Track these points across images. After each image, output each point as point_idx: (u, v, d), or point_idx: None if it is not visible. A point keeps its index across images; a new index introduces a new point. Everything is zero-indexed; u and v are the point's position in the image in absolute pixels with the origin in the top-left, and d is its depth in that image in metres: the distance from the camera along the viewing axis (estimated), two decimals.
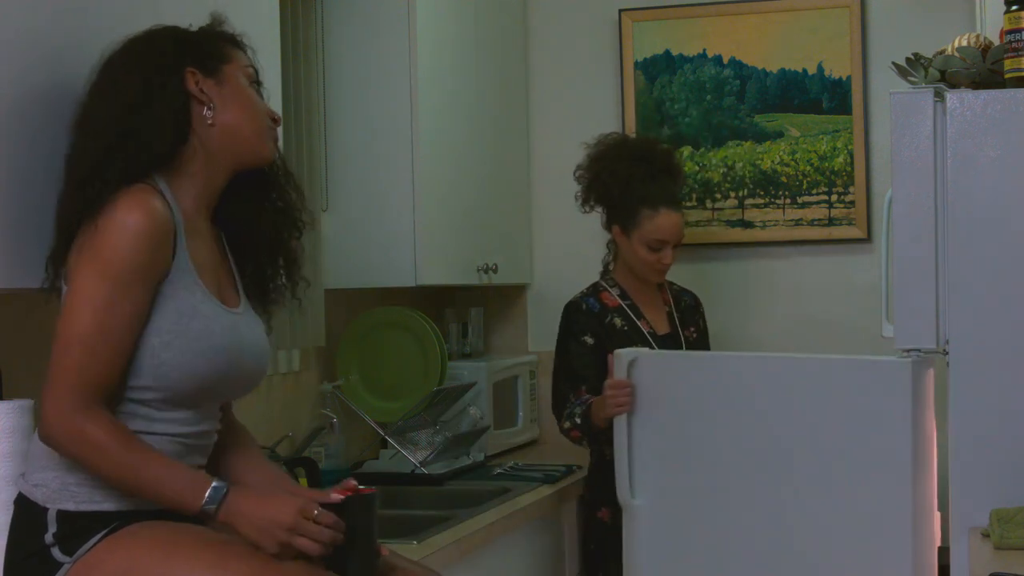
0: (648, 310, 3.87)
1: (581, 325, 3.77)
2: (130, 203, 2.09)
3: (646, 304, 3.88)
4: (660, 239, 3.79)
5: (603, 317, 3.78)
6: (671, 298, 3.96)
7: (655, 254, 3.80)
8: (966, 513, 2.99)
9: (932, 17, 4.43)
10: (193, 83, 2.22)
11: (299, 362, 3.83)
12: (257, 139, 2.28)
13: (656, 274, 3.85)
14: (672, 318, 3.91)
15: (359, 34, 3.85)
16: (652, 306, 3.90)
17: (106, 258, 2.07)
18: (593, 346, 3.74)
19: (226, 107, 2.25)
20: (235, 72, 2.28)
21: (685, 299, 4.00)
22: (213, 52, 2.27)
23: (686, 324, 3.93)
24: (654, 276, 3.86)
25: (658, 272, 3.85)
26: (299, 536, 2.07)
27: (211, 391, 2.21)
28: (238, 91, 2.27)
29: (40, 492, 2.13)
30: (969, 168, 3.03)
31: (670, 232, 3.80)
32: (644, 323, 3.82)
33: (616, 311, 3.81)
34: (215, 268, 2.27)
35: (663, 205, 3.79)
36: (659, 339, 3.81)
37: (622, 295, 3.85)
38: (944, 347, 3.06)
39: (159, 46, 2.23)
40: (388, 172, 3.82)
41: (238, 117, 2.26)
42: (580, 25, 4.77)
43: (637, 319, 3.82)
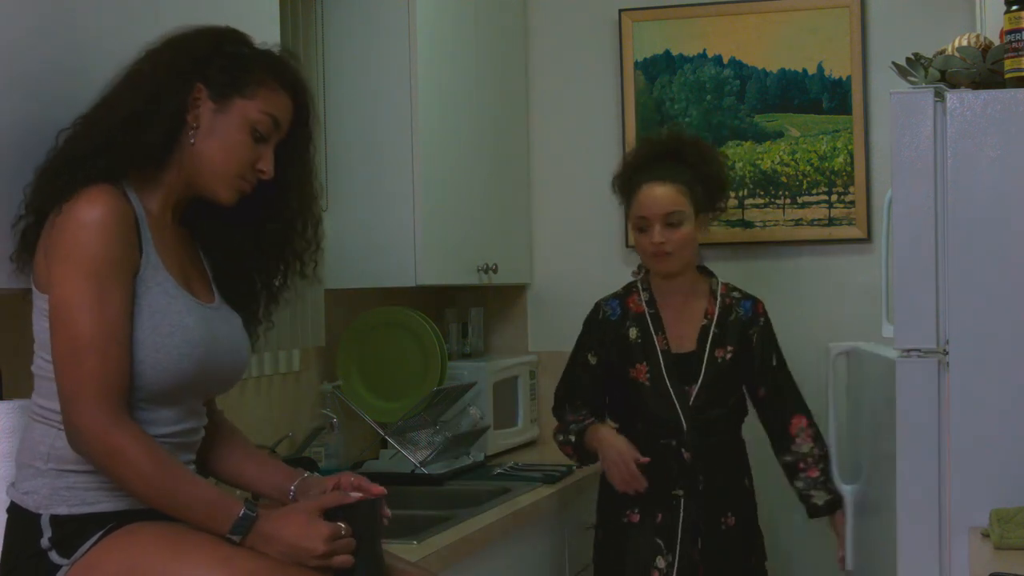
0: (675, 322, 3.53)
1: (591, 340, 3.59)
2: (89, 199, 2.07)
3: (674, 314, 3.54)
4: (641, 215, 3.47)
5: (619, 326, 3.54)
6: (717, 308, 3.54)
7: (644, 236, 3.48)
8: (966, 513, 2.99)
9: (932, 17, 4.43)
10: (193, 99, 2.20)
11: (299, 362, 3.83)
12: (216, 183, 2.23)
13: (655, 260, 3.49)
14: (704, 334, 3.52)
15: (359, 34, 3.85)
16: (682, 317, 3.54)
17: (80, 258, 2.06)
18: (595, 366, 3.58)
19: (209, 138, 2.21)
20: (243, 110, 2.22)
21: (739, 311, 3.56)
22: (234, 80, 2.21)
23: (723, 342, 3.51)
24: (655, 264, 3.50)
25: (656, 258, 3.48)
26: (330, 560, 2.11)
27: (189, 387, 2.19)
28: (228, 131, 2.21)
29: (31, 499, 2.13)
30: (969, 168, 3.03)
31: (650, 206, 3.45)
32: (661, 338, 3.50)
33: (636, 320, 3.54)
34: (184, 264, 2.26)
35: (646, 180, 3.48)
36: (674, 358, 3.50)
37: (649, 301, 3.55)
38: (944, 347, 3.05)
39: (190, 50, 2.21)
40: (388, 172, 3.82)
41: (211, 153, 2.21)
42: (580, 25, 4.77)
43: (656, 332, 3.51)
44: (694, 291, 3.56)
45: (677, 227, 3.45)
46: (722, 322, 3.53)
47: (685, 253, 3.49)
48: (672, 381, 3.48)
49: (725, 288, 3.58)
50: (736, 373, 3.53)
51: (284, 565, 2.08)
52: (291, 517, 2.13)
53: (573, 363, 3.64)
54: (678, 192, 3.46)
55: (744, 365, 3.54)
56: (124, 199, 2.13)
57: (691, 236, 3.48)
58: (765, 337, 3.58)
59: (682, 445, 3.47)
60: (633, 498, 3.47)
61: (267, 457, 2.46)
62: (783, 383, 3.60)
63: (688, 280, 3.56)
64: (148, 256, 2.15)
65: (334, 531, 2.11)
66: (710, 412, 3.50)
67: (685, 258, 3.50)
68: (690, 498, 3.47)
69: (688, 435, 3.47)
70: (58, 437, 2.11)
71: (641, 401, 3.51)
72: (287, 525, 2.11)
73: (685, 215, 3.46)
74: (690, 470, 3.47)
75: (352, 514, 2.15)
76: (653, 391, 3.49)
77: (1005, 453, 2.99)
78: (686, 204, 3.47)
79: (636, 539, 3.49)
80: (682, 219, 3.45)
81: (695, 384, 3.48)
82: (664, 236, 3.44)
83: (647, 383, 3.49)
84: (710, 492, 3.49)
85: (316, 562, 2.10)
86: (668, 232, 3.45)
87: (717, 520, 3.50)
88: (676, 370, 3.48)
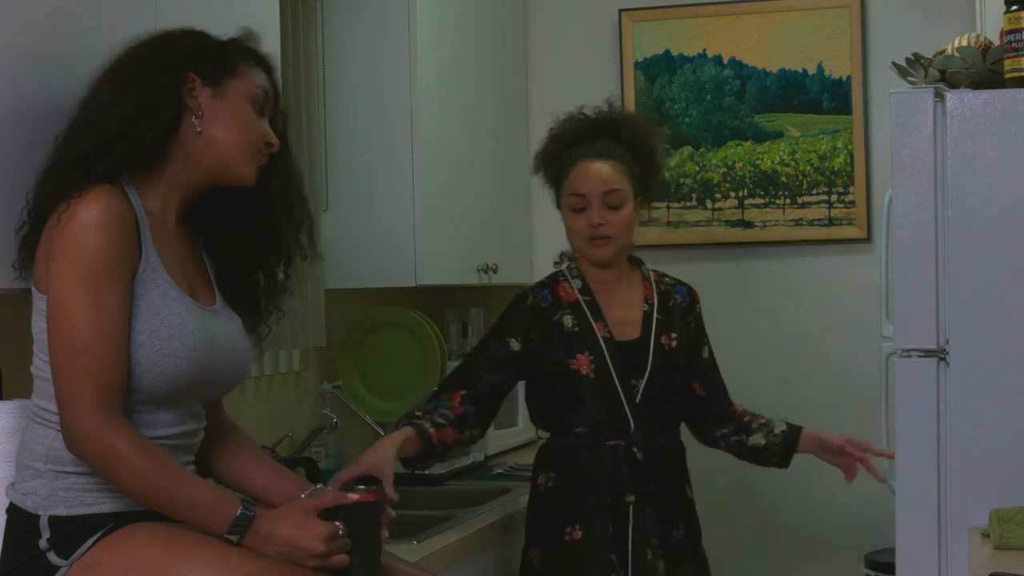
0: (613, 309, 3.17)
1: (514, 325, 3.14)
2: (88, 200, 2.08)
3: (612, 301, 3.18)
4: (577, 192, 3.12)
5: (552, 314, 3.14)
6: (655, 295, 3.22)
7: (579, 217, 3.13)
8: (966, 513, 2.99)
9: (932, 17, 4.43)
10: (188, 90, 2.21)
11: (299, 362, 3.83)
12: (238, 161, 2.24)
13: (591, 246, 3.13)
14: (648, 321, 3.18)
15: (359, 34, 3.85)
16: (620, 304, 3.19)
17: (78, 259, 2.06)
18: (516, 354, 3.11)
19: (216, 121, 2.22)
20: (239, 88, 2.24)
21: (677, 297, 3.25)
22: (222, 62, 2.24)
23: (667, 328, 3.18)
24: (590, 249, 3.14)
25: (592, 243, 3.12)
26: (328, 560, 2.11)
27: (187, 390, 2.19)
28: (233, 109, 2.23)
29: (30, 500, 2.13)
30: (969, 168, 3.03)
31: (588, 183, 3.11)
32: (601, 325, 3.12)
33: (570, 307, 3.14)
34: (186, 266, 2.26)
35: (582, 157, 3.14)
36: (618, 346, 3.12)
37: (583, 288, 3.17)
38: (944, 347, 3.06)
39: (170, 46, 2.22)
40: (388, 172, 3.82)
41: (225, 134, 2.22)
42: (580, 25, 4.77)
43: (594, 319, 3.13)
44: (628, 278, 3.23)
45: (617, 209, 3.11)
46: (663, 307, 3.20)
47: (624, 239, 3.15)
48: (618, 372, 3.09)
49: (657, 275, 3.27)
50: (679, 363, 3.19)
51: (281, 565, 2.08)
52: (289, 517, 2.12)
53: (475, 354, 3.17)
54: (617, 170, 3.12)
55: (690, 351, 3.23)
56: (124, 199, 2.13)
57: (631, 220, 3.14)
58: (700, 326, 3.29)
59: (633, 444, 3.09)
60: (574, 512, 3.08)
61: (278, 465, 2.45)
62: (719, 379, 3.32)
63: (623, 265, 3.22)
64: (148, 257, 2.15)
65: (332, 531, 2.11)
66: (658, 408, 3.14)
67: (623, 244, 3.16)
68: (642, 506, 3.09)
69: (637, 433, 3.10)
70: (56, 438, 2.11)
71: (582, 397, 3.10)
72: (285, 525, 2.11)
73: (625, 196, 3.12)
74: (643, 473, 3.09)
75: (349, 515, 2.15)
76: (596, 384, 3.09)
77: (1005, 453, 2.99)
78: (626, 184, 3.13)
79: (584, 559, 3.07)
80: (622, 200, 3.12)
81: (642, 378, 3.10)
82: (603, 217, 3.10)
83: (591, 375, 3.09)
84: (662, 500, 3.13)
85: (314, 562, 2.10)
86: (607, 213, 3.11)
87: (669, 532, 3.14)
88: (622, 359, 3.10)
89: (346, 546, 2.13)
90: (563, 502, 3.11)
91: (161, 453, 2.10)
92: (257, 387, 3.62)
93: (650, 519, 3.10)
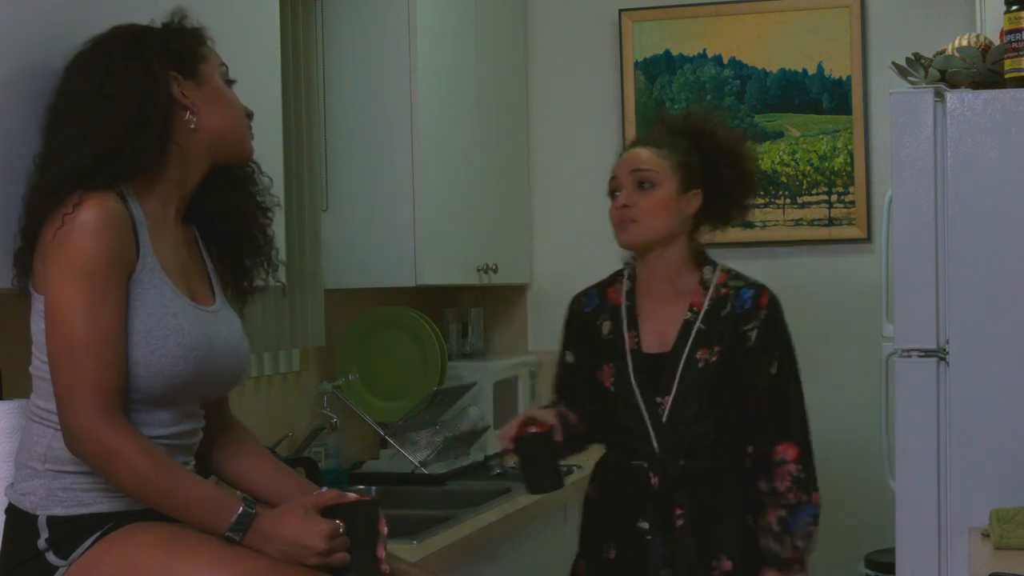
0: (651, 316, 2.93)
1: (567, 336, 3.04)
2: (85, 205, 2.07)
3: (653, 307, 2.94)
4: (611, 176, 2.96)
5: (593, 321, 2.98)
6: (705, 302, 2.91)
7: (613, 202, 2.95)
8: (966, 513, 2.99)
9: (932, 17, 4.43)
10: (176, 88, 2.20)
11: (299, 362, 3.83)
12: (239, 140, 2.28)
13: (618, 230, 2.93)
14: (686, 332, 2.88)
15: (359, 34, 3.85)
16: (661, 311, 2.93)
17: (74, 260, 2.05)
18: (573, 366, 3.01)
19: (208, 109, 2.23)
20: (211, 72, 2.26)
21: (735, 303, 2.90)
22: (190, 53, 2.25)
23: (709, 341, 2.86)
24: (618, 234, 2.93)
25: (620, 226, 2.92)
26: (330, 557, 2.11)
27: (184, 390, 2.18)
28: (217, 92, 2.25)
29: (29, 500, 2.12)
30: (969, 168, 3.03)
31: (620, 164, 2.95)
32: (633, 335, 2.91)
33: (612, 313, 2.97)
34: (185, 267, 2.25)
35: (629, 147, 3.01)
36: (644, 359, 2.89)
37: (630, 291, 2.98)
38: (944, 347, 3.05)
39: (143, 49, 2.20)
40: (388, 172, 3.82)
41: (220, 119, 2.25)
42: (580, 25, 4.77)
43: (628, 327, 2.92)
44: (682, 280, 2.94)
45: (648, 191, 2.89)
46: (711, 317, 2.89)
47: (654, 223, 2.89)
48: (641, 388, 2.87)
49: (724, 276, 2.95)
50: (725, 380, 2.86)
51: (282, 564, 2.08)
52: (290, 515, 2.12)
53: (557, 362, 3.08)
54: (656, 154, 2.91)
55: (737, 370, 2.87)
56: (121, 203, 2.13)
57: (664, 204, 2.89)
58: (767, 336, 2.89)
59: (652, 468, 2.86)
60: (609, 532, 2.91)
61: (280, 464, 2.44)
62: (780, 397, 2.88)
63: (673, 265, 2.94)
64: (145, 258, 2.15)
65: (333, 528, 2.11)
66: (689, 429, 2.85)
67: (654, 230, 2.90)
68: (661, 534, 2.84)
69: (661, 456, 2.85)
70: (55, 438, 2.11)
71: (606, 412, 2.92)
72: (286, 523, 2.11)
73: (659, 177, 2.89)
74: (660, 500, 2.84)
75: (349, 514, 2.15)
76: (617, 399, 2.89)
77: (1005, 453, 2.99)
78: (663, 167, 2.90)
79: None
80: (655, 181, 2.89)
81: (668, 395, 2.85)
82: (630, 199, 2.90)
83: (611, 388, 2.90)
84: (695, 528, 2.83)
85: (315, 560, 2.10)
86: (635, 195, 2.89)
87: (707, 563, 2.84)
88: (645, 375, 2.87)
89: (346, 544, 2.14)
90: (602, 517, 2.96)
91: (160, 452, 2.10)
92: (257, 387, 3.62)
93: (674, 549, 2.83)
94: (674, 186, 2.91)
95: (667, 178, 2.90)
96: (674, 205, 2.91)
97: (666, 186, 2.90)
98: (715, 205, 2.97)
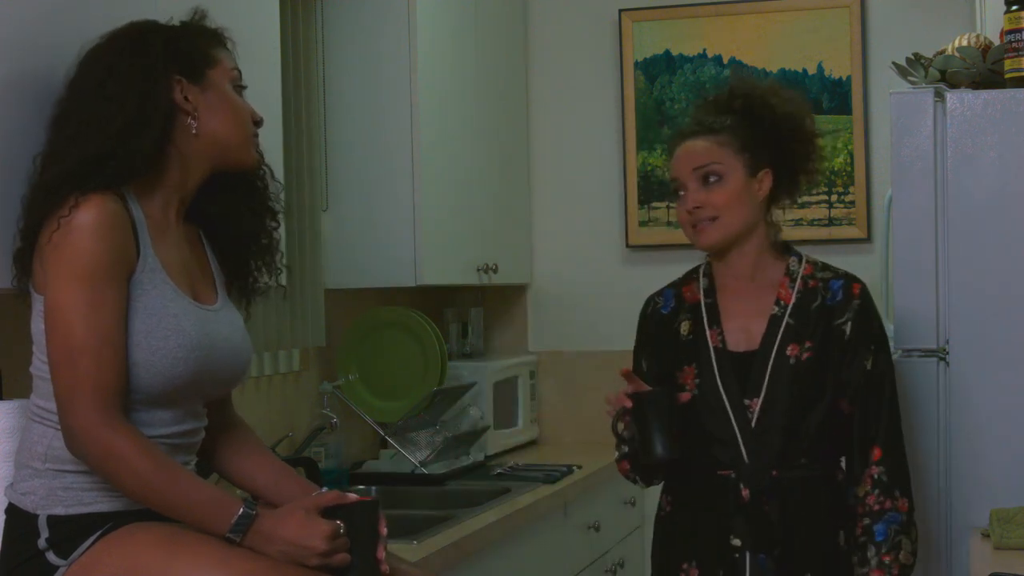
0: (734, 313, 2.71)
1: (641, 340, 2.82)
2: (84, 206, 2.07)
3: (738, 303, 2.72)
4: (673, 178, 2.73)
5: (672, 321, 2.76)
6: (793, 294, 2.69)
7: (679, 204, 2.72)
8: (966, 513, 2.99)
9: (932, 17, 4.43)
10: (179, 92, 2.19)
11: (299, 362, 3.83)
12: (241, 148, 2.26)
13: (695, 233, 2.69)
14: (775, 327, 2.66)
15: (359, 34, 3.85)
16: (746, 307, 2.71)
17: (73, 262, 2.05)
18: (646, 374, 2.75)
19: (211, 115, 2.22)
20: (220, 77, 2.24)
21: (826, 295, 2.70)
22: (199, 57, 2.23)
23: (799, 336, 2.64)
24: (696, 238, 2.69)
25: (695, 230, 2.68)
26: (331, 558, 2.11)
27: (185, 390, 2.18)
28: (223, 98, 2.23)
29: (29, 500, 2.12)
30: (969, 168, 3.04)
31: (677, 164, 2.71)
32: (715, 333, 2.70)
33: (690, 311, 2.75)
34: (187, 266, 2.25)
35: (679, 139, 2.75)
36: (730, 358, 2.67)
37: (708, 289, 2.75)
38: (944, 347, 3.06)
39: (149, 50, 2.19)
40: (388, 172, 3.82)
41: (223, 126, 2.23)
42: (580, 25, 4.77)
43: (709, 326, 2.71)
44: (766, 274, 2.73)
45: (716, 185, 2.66)
46: (800, 311, 2.67)
47: (731, 218, 2.67)
48: (728, 390, 2.65)
49: (811, 268, 2.74)
50: (818, 378, 2.64)
51: (282, 565, 2.08)
52: (290, 516, 2.12)
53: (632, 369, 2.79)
54: (714, 143, 2.68)
55: (831, 367, 2.65)
56: (121, 204, 2.13)
57: (736, 196, 2.67)
58: (861, 329, 2.66)
59: (741, 478, 2.63)
60: (690, 550, 2.69)
61: (283, 464, 2.44)
62: (874, 395, 2.65)
63: (753, 257, 2.73)
64: (146, 259, 2.15)
65: (334, 529, 2.11)
66: (781, 435, 2.62)
67: (732, 226, 2.68)
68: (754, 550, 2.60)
69: (750, 465, 2.63)
70: (55, 437, 2.11)
71: (687, 416, 2.68)
72: (287, 524, 2.11)
73: (724, 168, 2.67)
74: (753, 513, 2.61)
75: (349, 514, 2.16)
76: (703, 402, 2.67)
77: (1005, 453, 3.00)
78: (726, 156, 2.67)
79: None
80: (721, 174, 2.67)
81: (757, 396, 2.63)
82: (698, 199, 2.66)
83: (695, 391, 2.68)
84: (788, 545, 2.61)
85: (316, 560, 2.10)
86: (703, 193, 2.66)
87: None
88: (733, 375, 2.65)
89: (347, 545, 2.14)
90: (679, 532, 2.73)
91: (161, 453, 2.10)
92: (257, 387, 3.62)
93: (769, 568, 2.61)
94: (742, 173, 2.68)
95: (733, 166, 2.68)
96: (746, 194, 2.69)
97: (734, 176, 2.68)
98: (785, 179, 2.76)
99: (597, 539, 4.03)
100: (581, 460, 4.10)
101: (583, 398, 4.68)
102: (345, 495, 2.20)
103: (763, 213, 2.74)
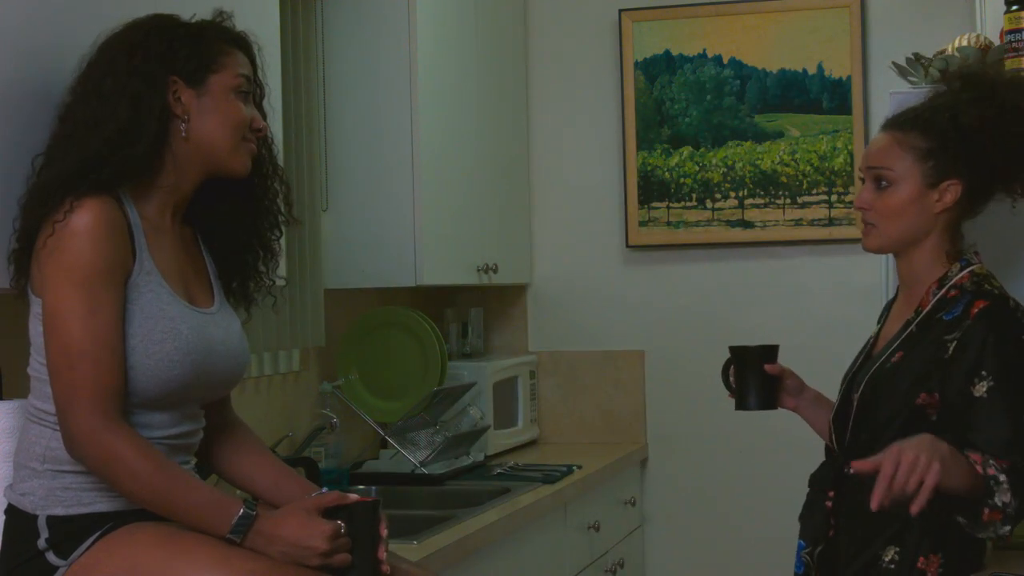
0: (894, 314, 2.62)
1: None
2: (80, 210, 2.07)
3: (899, 305, 2.62)
4: (859, 169, 2.63)
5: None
6: (933, 302, 2.50)
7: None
8: None
9: (932, 17, 4.43)
10: (172, 94, 2.18)
11: (299, 362, 3.83)
12: (230, 155, 2.23)
13: (862, 234, 2.58)
14: (903, 331, 2.53)
15: (359, 34, 3.85)
16: (900, 309, 2.60)
17: (70, 266, 2.05)
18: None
19: (202, 120, 2.20)
20: (221, 83, 2.22)
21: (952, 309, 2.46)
22: (203, 60, 2.21)
23: (910, 344, 2.49)
24: (862, 239, 2.59)
25: (861, 227, 2.59)
26: (332, 558, 2.10)
27: (182, 393, 2.18)
28: (218, 103, 2.21)
29: (28, 500, 2.12)
30: None
31: (864, 155, 2.58)
32: (874, 333, 2.67)
33: (884, 309, 2.73)
34: (183, 269, 2.25)
35: (883, 126, 2.60)
36: (866, 357, 2.61)
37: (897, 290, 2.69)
38: None
39: (150, 50, 2.18)
40: (388, 172, 3.82)
41: (212, 132, 2.21)
42: (580, 25, 4.77)
43: (878, 323, 2.68)
44: (920, 279, 2.54)
45: (884, 191, 2.50)
46: (927, 320, 2.49)
47: (890, 229, 2.51)
48: (847, 383, 2.60)
49: (967, 277, 2.50)
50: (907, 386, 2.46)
51: (283, 565, 2.08)
52: (291, 516, 2.12)
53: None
54: (897, 143, 2.50)
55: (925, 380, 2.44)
56: (117, 207, 2.13)
57: (901, 207, 2.49)
58: (971, 349, 2.40)
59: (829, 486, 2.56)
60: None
61: (283, 465, 2.44)
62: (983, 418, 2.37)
63: (919, 266, 2.54)
64: (142, 262, 2.15)
65: (335, 529, 2.11)
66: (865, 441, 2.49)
67: (890, 237, 2.52)
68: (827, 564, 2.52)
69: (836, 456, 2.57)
70: (53, 438, 2.11)
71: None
72: (287, 524, 2.11)
73: (896, 175, 2.49)
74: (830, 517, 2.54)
75: (350, 515, 2.16)
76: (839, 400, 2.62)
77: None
78: (903, 163, 2.49)
79: None
80: (891, 180, 2.50)
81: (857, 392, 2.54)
82: (865, 199, 2.53)
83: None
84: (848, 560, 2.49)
85: (317, 560, 2.10)
86: (871, 195, 2.52)
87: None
88: (856, 371, 2.60)
89: (348, 545, 2.13)
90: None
91: (161, 455, 2.10)
92: (257, 387, 3.62)
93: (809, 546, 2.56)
94: (917, 182, 2.49)
95: (907, 175, 2.49)
96: (916, 206, 2.50)
97: (906, 185, 2.49)
98: (982, 186, 2.53)
99: (597, 539, 4.03)
100: (581, 460, 4.10)
101: (583, 398, 4.68)
102: (346, 495, 2.20)
103: (940, 224, 2.52)
